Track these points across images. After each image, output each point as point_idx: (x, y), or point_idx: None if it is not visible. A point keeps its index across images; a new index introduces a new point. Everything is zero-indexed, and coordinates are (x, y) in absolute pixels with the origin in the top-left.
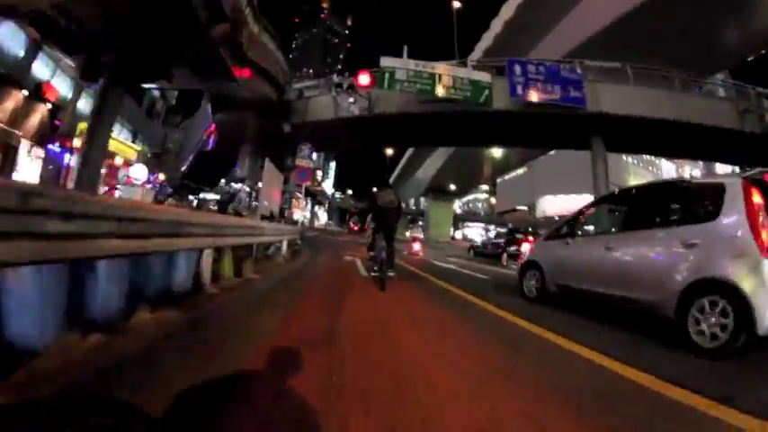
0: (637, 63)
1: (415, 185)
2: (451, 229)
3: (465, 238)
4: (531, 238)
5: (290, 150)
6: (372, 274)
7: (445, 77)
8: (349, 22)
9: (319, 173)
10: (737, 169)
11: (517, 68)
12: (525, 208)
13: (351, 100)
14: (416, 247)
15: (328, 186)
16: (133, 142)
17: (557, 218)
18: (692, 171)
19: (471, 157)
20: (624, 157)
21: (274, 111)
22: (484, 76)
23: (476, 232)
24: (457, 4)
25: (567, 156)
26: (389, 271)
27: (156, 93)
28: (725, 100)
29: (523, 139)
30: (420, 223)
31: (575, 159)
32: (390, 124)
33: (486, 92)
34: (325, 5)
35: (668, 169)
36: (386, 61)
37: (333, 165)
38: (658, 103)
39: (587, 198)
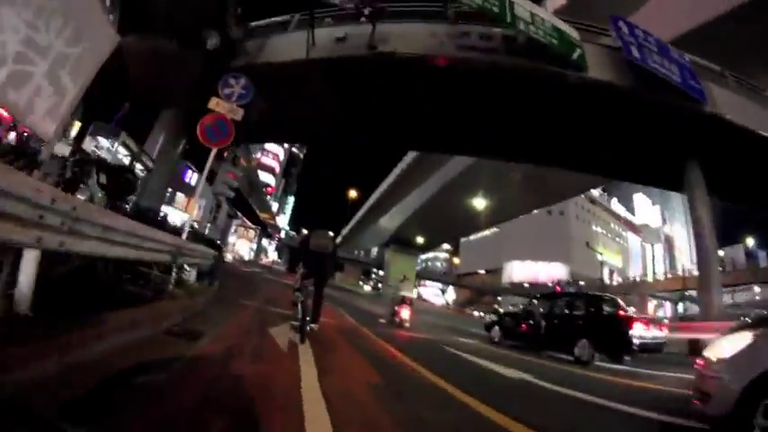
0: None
1: (377, 234)
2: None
3: (419, 297)
4: (632, 310)
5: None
6: (292, 322)
7: (519, 8)
8: None
9: (275, 204)
10: None
11: (624, 27)
12: (483, 271)
13: (340, 35)
14: (405, 314)
15: (283, 222)
16: None
17: (526, 285)
18: (653, 244)
19: (446, 209)
20: (593, 226)
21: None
22: (571, 30)
23: (432, 292)
24: None
25: (538, 221)
26: (313, 324)
27: None
28: None
29: (602, 155)
30: (372, 276)
31: (545, 226)
32: (402, 79)
33: (579, 50)
34: None
35: (634, 242)
36: None
37: (291, 200)
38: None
39: (556, 267)
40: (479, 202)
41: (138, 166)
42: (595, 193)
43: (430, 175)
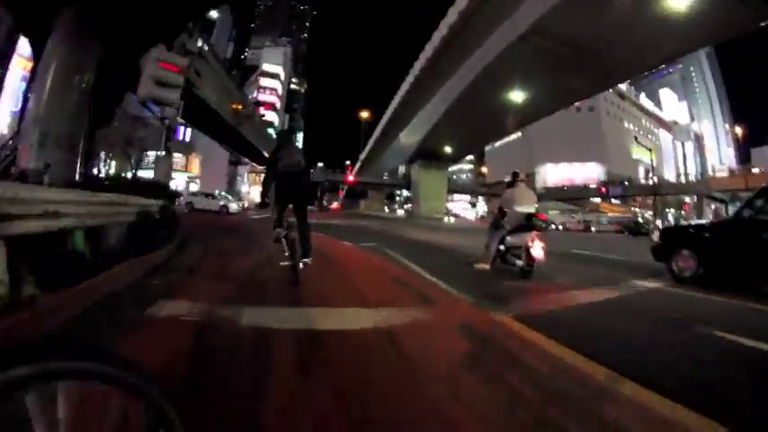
0: None
1: (399, 152)
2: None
3: (450, 212)
4: None
5: None
6: (281, 263)
7: None
8: None
9: None
10: None
11: None
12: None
13: None
14: (538, 250)
15: None
16: None
17: (565, 188)
18: (684, 142)
19: (475, 110)
20: (625, 122)
21: None
22: None
23: (461, 206)
24: None
25: (568, 119)
26: (305, 259)
27: None
28: None
29: None
30: (396, 198)
31: (575, 125)
32: None
33: None
34: None
35: (666, 140)
36: None
37: (300, 136)
38: None
39: (592, 167)
40: (517, 95)
41: None
42: (623, 87)
43: (457, 67)
